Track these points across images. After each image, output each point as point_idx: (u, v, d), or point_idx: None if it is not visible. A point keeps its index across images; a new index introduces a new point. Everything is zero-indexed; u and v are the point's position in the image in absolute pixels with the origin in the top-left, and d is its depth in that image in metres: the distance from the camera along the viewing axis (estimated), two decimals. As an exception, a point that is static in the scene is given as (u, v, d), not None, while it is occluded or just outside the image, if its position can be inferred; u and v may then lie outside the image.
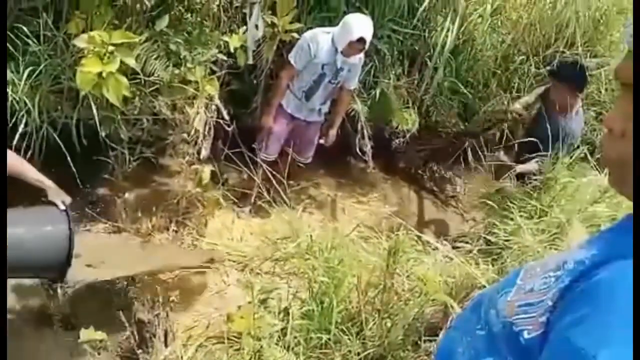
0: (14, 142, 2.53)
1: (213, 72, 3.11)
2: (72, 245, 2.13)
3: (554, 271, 0.85)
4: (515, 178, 3.59)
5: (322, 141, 3.75)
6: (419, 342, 2.73)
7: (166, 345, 2.43)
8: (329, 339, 2.60)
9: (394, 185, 4.49)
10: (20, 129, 2.51)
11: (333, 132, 3.74)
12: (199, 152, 3.35)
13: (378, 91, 4.00)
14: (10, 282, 2.72)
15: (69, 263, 2.15)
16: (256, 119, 3.68)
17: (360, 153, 4.06)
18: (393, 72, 4.11)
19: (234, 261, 3.11)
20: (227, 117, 3.19)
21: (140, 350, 2.36)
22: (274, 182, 3.20)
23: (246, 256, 3.16)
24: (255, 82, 3.63)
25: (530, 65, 4.51)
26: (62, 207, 2.17)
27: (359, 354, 2.59)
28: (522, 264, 3.05)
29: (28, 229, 2.14)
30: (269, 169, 3.31)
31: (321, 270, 2.80)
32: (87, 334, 2.22)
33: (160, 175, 3.33)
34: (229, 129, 3.24)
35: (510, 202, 3.46)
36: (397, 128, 4.15)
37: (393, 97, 4.13)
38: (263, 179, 3.41)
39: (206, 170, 3.17)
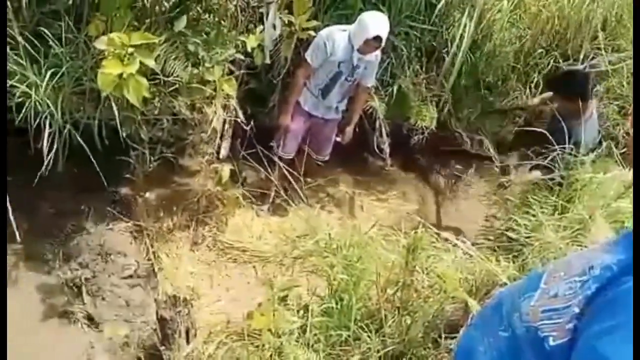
0: (42, 144, 2.58)
1: (231, 72, 3.14)
2: None
3: (579, 276, 0.84)
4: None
5: (339, 139, 3.75)
6: (439, 339, 2.72)
7: (188, 342, 2.45)
8: (349, 336, 2.60)
9: (412, 182, 4.46)
10: (47, 130, 2.56)
11: (350, 130, 3.74)
12: (218, 152, 3.38)
13: (395, 88, 3.98)
14: (35, 280, 2.80)
15: None
16: (274, 117, 3.70)
17: (378, 150, 4.05)
18: (411, 69, 4.09)
19: (255, 257, 3.13)
20: (242, 117, 3.21)
21: (163, 347, 2.39)
22: (291, 180, 3.21)
23: (265, 254, 3.18)
24: (272, 81, 3.65)
25: (551, 59, 4.44)
26: None
27: (378, 351, 2.58)
28: (544, 261, 3.02)
29: None
30: (287, 167, 3.32)
31: (340, 268, 2.80)
32: (111, 330, 2.26)
33: (180, 175, 3.36)
34: (247, 128, 3.26)
35: (531, 198, 3.42)
36: (415, 125, 4.13)
37: (411, 93, 4.11)
38: (281, 177, 3.43)
39: (225, 169, 3.19)
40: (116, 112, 2.68)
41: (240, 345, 2.44)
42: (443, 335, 2.71)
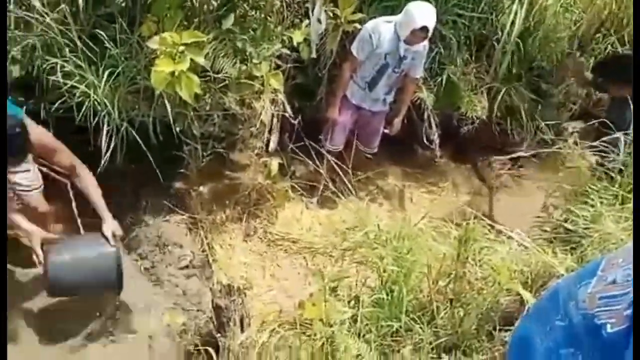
0: (101, 142, 2.70)
1: (278, 67, 3.18)
2: (120, 266, 2.44)
3: None
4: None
5: (387, 130, 3.73)
6: (493, 332, 2.66)
7: (242, 330, 2.52)
8: (400, 327, 2.59)
9: (463, 173, 4.38)
10: (105, 128, 2.69)
11: (398, 121, 3.71)
12: (267, 146, 3.43)
13: (444, 78, 3.91)
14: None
15: (121, 281, 2.46)
16: (321, 111, 3.72)
17: (427, 142, 4.00)
18: (460, 58, 4.01)
19: (305, 249, 3.17)
20: (290, 111, 3.25)
21: (218, 334, 2.47)
22: (340, 173, 3.22)
23: (315, 245, 3.21)
24: (319, 74, 3.67)
25: (608, 44, 4.24)
26: (112, 243, 2.44)
27: (431, 342, 2.56)
28: (604, 253, 2.90)
29: (85, 254, 2.45)
30: (335, 160, 3.33)
31: (390, 260, 2.79)
32: (170, 317, 2.36)
33: (231, 169, 3.44)
34: (295, 122, 3.30)
35: (590, 187, 3.28)
36: (465, 115, 4.05)
37: (461, 83, 4.03)
38: (329, 170, 3.45)
39: (274, 163, 3.25)
40: (169, 109, 2.76)
41: (292, 334, 2.48)
42: (497, 328, 2.65)
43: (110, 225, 2.46)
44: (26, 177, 2.52)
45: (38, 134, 2.33)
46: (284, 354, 2.38)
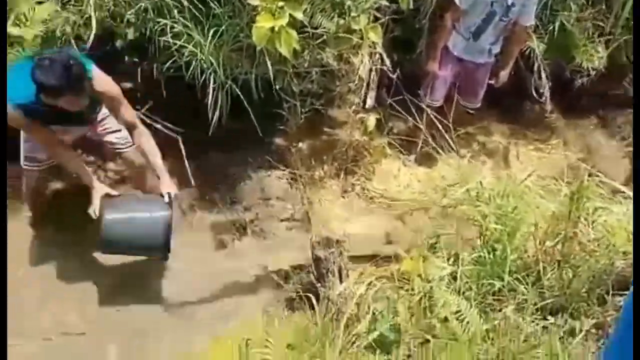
0: (207, 99, 2.83)
1: (376, 19, 3.10)
2: (170, 230, 2.46)
3: None
4: None
5: (492, 82, 3.53)
6: (606, 296, 2.50)
7: (340, 281, 2.58)
8: (503, 287, 2.52)
9: (576, 129, 4.05)
10: (211, 85, 2.81)
11: (505, 73, 3.49)
12: (364, 102, 3.40)
13: (557, 25, 3.59)
14: (207, 219, 3.13)
15: (169, 247, 2.49)
16: (420, 64, 3.59)
17: (536, 95, 3.73)
18: (575, 3, 3.65)
19: (403, 205, 3.14)
20: (389, 64, 3.17)
21: (318, 284, 2.55)
22: (440, 128, 3.12)
23: (413, 202, 3.17)
24: (418, 26, 3.52)
25: None
26: (167, 200, 2.49)
27: (535, 303, 2.47)
28: None
29: (137, 214, 2.51)
30: (435, 115, 3.22)
31: (493, 218, 2.70)
32: (273, 265, 2.48)
33: (329, 126, 3.47)
34: (393, 76, 3.21)
35: None
36: (580, 66, 3.71)
37: (575, 30, 3.68)
38: (429, 125, 3.35)
39: (371, 119, 3.22)
40: (270, 66, 2.82)
41: (390, 287, 2.50)
42: (611, 292, 2.49)
43: (167, 186, 2.51)
44: (118, 136, 2.70)
45: (106, 83, 2.40)
46: (381, 305, 2.41)
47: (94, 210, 2.47)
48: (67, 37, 2.73)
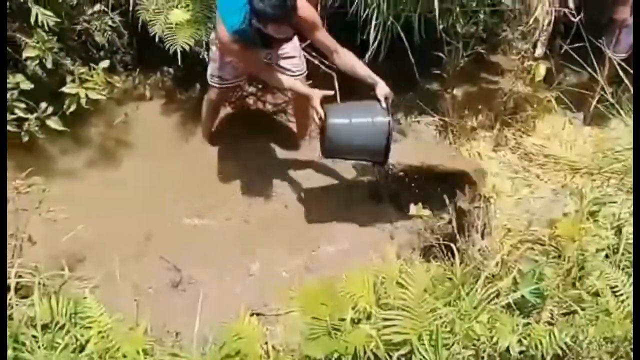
0: (366, 35, 2.79)
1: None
2: (390, 135, 2.43)
3: None
4: None
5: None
6: None
7: (482, 238, 2.48)
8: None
9: None
10: (373, 22, 2.76)
11: None
12: (534, 48, 3.10)
13: None
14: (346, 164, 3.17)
15: (388, 150, 2.46)
16: (605, 11, 3.15)
17: None
18: None
19: (565, 166, 2.88)
20: (572, 4, 2.81)
21: (458, 237, 2.48)
22: (626, 82, 2.71)
23: (576, 164, 2.89)
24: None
25: None
26: (384, 104, 2.47)
27: None
28: None
29: (359, 119, 2.52)
30: (622, 65, 2.81)
31: (671, 191, 2.35)
32: (416, 209, 2.45)
33: (490, 73, 3.25)
34: (575, 20, 2.85)
35: None
36: None
37: None
38: (609, 80, 2.97)
39: (541, 67, 2.93)
40: (436, 3, 2.67)
41: (540, 250, 2.34)
42: None
43: (383, 89, 2.50)
44: (292, 62, 2.78)
45: (307, 8, 2.46)
46: (525, 267, 2.27)
47: (319, 115, 2.54)
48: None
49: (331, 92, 2.63)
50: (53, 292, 2.00)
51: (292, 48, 2.76)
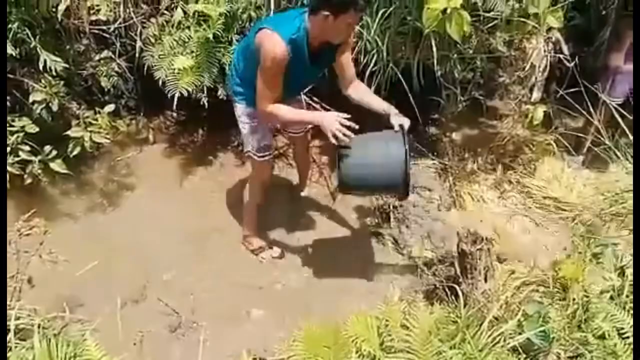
0: (365, 78, 2.87)
1: (555, 3, 2.87)
2: (407, 165, 2.28)
3: None
4: None
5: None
6: None
7: (485, 280, 2.46)
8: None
9: None
10: (370, 67, 2.84)
11: None
12: (530, 92, 3.18)
13: None
14: (352, 203, 3.19)
15: (408, 179, 2.31)
16: (599, 58, 3.25)
17: None
18: None
19: (566, 208, 2.89)
20: (567, 52, 2.90)
21: (461, 279, 2.46)
22: (623, 126, 2.76)
23: (578, 207, 2.90)
24: (603, 14, 3.19)
25: None
26: (397, 129, 2.35)
27: None
28: None
29: (373, 152, 2.37)
30: (619, 110, 2.86)
31: (673, 233, 2.35)
32: (418, 250, 2.44)
33: (488, 117, 3.31)
34: (569, 65, 2.93)
35: None
36: None
37: None
38: (604, 124, 3.03)
39: (539, 111, 2.99)
40: (435, 51, 2.75)
41: (544, 292, 2.32)
42: None
43: (397, 118, 2.37)
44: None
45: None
46: (530, 309, 2.24)
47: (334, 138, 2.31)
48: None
49: (346, 115, 2.36)
50: (53, 334, 1.96)
51: None
